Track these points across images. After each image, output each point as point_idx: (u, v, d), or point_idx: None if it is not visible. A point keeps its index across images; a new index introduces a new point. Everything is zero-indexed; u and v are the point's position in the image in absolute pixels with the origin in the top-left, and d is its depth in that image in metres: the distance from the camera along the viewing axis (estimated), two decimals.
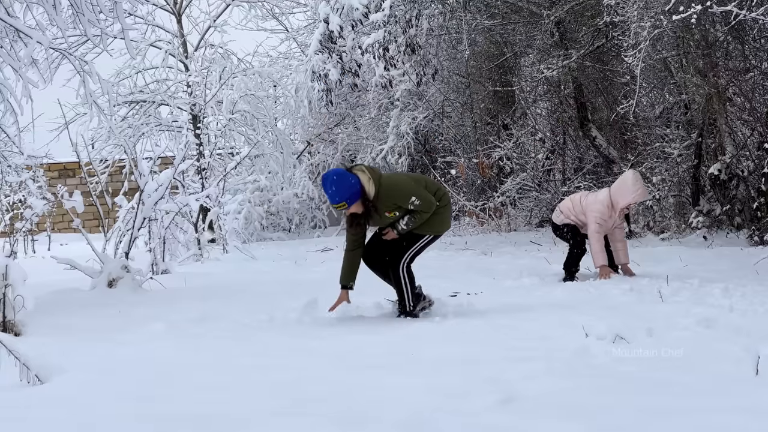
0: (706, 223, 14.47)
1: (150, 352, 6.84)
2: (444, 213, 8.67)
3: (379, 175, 8.31)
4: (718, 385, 5.22)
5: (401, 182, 8.51)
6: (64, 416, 4.96)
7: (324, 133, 26.23)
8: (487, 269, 12.51)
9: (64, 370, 5.89)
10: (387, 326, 7.85)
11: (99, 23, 11.08)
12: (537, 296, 9.52)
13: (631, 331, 6.77)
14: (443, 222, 8.70)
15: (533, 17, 18.74)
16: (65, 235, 26.14)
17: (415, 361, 6.28)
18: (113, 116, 22.44)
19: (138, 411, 5.02)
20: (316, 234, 24.71)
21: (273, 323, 8.34)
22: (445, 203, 8.67)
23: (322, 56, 18.72)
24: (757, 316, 7.65)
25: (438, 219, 8.57)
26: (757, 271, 10.45)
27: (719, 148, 14.73)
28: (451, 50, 20.70)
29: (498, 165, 21.13)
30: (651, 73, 15.10)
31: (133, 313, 9.22)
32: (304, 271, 13.92)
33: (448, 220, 8.83)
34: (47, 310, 9.28)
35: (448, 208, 8.75)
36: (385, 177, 8.39)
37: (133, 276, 11.13)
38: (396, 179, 8.60)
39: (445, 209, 8.67)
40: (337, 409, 4.97)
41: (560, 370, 5.76)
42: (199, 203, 15.75)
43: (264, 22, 26.90)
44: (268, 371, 5.98)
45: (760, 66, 14.35)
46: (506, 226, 20.11)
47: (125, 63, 23.41)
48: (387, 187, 8.26)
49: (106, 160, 24.08)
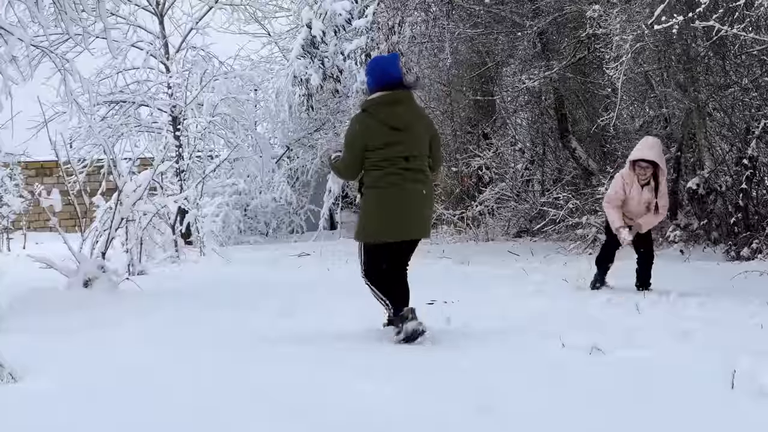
0: (684, 237, 14.51)
1: (124, 353, 6.80)
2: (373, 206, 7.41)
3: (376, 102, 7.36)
4: (693, 399, 5.23)
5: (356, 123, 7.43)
6: (37, 415, 4.94)
7: (304, 138, 26.20)
8: (464, 278, 12.51)
9: (38, 368, 5.86)
10: (365, 334, 7.83)
11: (81, 22, 11.05)
12: (514, 306, 9.51)
13: (608, 343, 6.78)
14: (373, 221, 7.43)
15: (516, 27, 18.75)
16: (41, 233, 25.99)
17: (392, 368, 6.27)
18: (93, 115, 22.34)
19: (111, 410, 5.00)
20: (293, 239, 24.65)
21: (248, 326, 8.31)
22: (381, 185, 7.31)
23: (304, 61, 18.76)
24: (733, 331, 7.67)
25: (367, 214, 7.48)
26: (733, 286, 10.48)
27: (698, 163, 14.78)
28: (432, 58, 20.70)
29: (477, 174, 21.14)
30: (632, 86, 15.13)
31: (108, 313, 9.17)
32: (280, 274, 13.89)
33: (380, 220, 7.38)
34: (22, 309, 9.24)
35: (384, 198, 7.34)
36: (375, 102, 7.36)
37: (110, 276, 11.08)
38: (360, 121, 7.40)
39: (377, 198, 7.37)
40: (313, 414, 4.96)
41: (536, 381, 5.76)
42: (177, 205, 15.70)
43: (246, 26, 26.95)
44: (244, 375, 5.96)
45: (740, 82, 14.40)
46: (484, 235, 20.11)
47: (106, 62, 23.29)
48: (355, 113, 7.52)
49: (84, 159, 23.97)
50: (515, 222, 20.53)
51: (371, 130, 7.28)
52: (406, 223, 7.42)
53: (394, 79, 7.37)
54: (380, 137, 7.24)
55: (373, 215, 7.42)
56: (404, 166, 7.30)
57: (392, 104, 7.31)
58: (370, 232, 7.47)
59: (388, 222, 7.35)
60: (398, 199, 7.32)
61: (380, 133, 7.25)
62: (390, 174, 7.27)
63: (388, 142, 7.24)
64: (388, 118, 7.27)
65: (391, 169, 7.26)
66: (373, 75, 7.44)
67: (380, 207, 7.37)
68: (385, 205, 7.35)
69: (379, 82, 7.39)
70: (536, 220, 19.22)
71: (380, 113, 7.29)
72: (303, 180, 26.62)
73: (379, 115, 7.29)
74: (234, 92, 24.02)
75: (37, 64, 12.13)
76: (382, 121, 7.27)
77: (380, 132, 7.25)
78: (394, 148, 7.25)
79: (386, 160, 7.25)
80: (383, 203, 7.35)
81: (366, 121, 7.33)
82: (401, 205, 7.35)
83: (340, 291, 10.66)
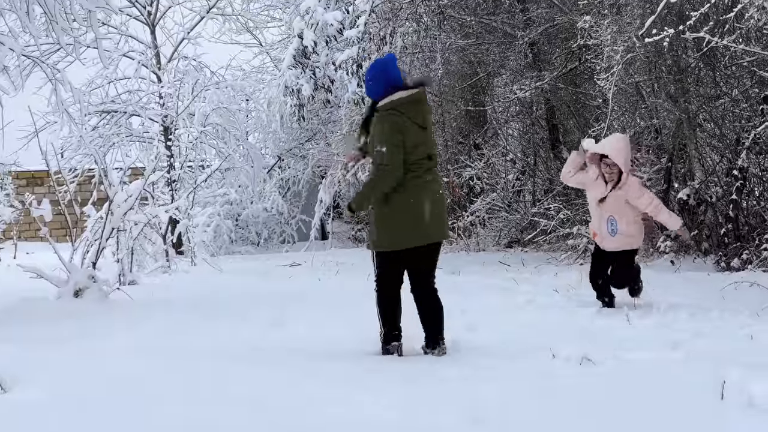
0: (674, 247, 14.51)
1: (114, 363, 6.79)
2: (402, 210, 7.14)
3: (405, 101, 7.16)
4: (684, 410, 5.24)
5: (392, 120, 7.12)
6: (27, 425, 4.92)
7: (295, 148, 26.23)
8: (454, 288, 12.50)
9: (28, 379, 5.84)
10: (357, 345, 7.82)
11: (72, 32, 11.04)
12: (504, 317, 9.51)
13: (598, 354, 6.79)
14: (401, 227, 7.16)
15: (507, 38, 18.81)
16: (32, 243, 25.94)
17: (382, 378, 6.27)
18: (84, 125, 22.33)
19: (101, 421, 4.99)
20: (284, 249, 24.64)
21: (240, 337, 8.30)
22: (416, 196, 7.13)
23: (296, 71, 18.75)
24: (723, 342, 7.69)
25: (394, 219, 7.16)
26: (724, 297, 10.48)
27: (689, 174, 14.79)
28: (424, 68, 20.69)
29: (468, 184, 21.15)
30: (623, 96, 15.14)
31: (98, 323, 9.16)
32: (271, 284, 13.87)
33: (410, 224, 7.14)
34: (12, 319, 9.22)
35: (415, 200, 7.14)
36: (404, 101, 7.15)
37: (100, 286, 11.06)
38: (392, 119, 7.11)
39: (406, 201, 7.13)
40: (302, 424, 4.95)
41: (527, 392, 5.76)
42: (168, 215, 15.68)
43: (238, 36, 26.98)
44: (238, 387, 5.95)
45: (731, 93, 14.43)
46: (475, 245, 20.11)
47: (97, 72, 23.29)
48: (381, 113, 7.21)
49: (75, 169, 23.95)
50: (506, 232, 20.51)
51: (406, 127, 7.07)
52: (434, 224, 7.22)
53: (400, 80, 7.28)
54: (412, 137, 7.08)
55: (401, 220, 7.14)
56: (428, 165, 7.20)
57: (418, 103, 7.20)
58: (399, 238, 7.18)
59: (418, 226, 7.14)
60: (428, 201, 7.16)
61: (412, 132, 7.09)
62: (417, 177, 7.12)
63: (416, 143, 7.10)
64: (417, 116, 7.14)
65: (418, 171, 7.11)
66: (383, 77, 7.26)
67: (409, 211, 7.11)
68: (416, 208, 7.11)
69: (391, 82, 7.21)
70: (527, 230, 19.22)
71: (410, 112, 7.12)
72: (294, 190, 26.64)
73: (410, 113, 7.11)
74: (225, 102, 24.05)
75: (28, 74, 12.11)
76: (412, 119, 7.11)
77: (412, 131, 7.09)
78: (420, 148, 7.13)
79: (414, 163, 7.10)
80: (414, 206, 7.11)
81: (398, 120, 7.08)
82: (431, 206, 7.18)
83: (331, 301, 10.67)
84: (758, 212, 13.76)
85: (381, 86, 7.25)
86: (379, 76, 7.28)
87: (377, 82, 7.28)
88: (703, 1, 10.60)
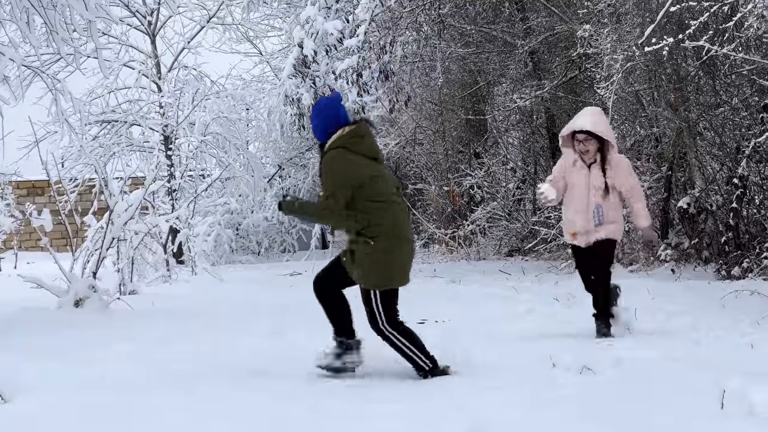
0: (675, 256, 14.51)
1: (114, 373, 6.79)
2: (392, 245, 6.78)
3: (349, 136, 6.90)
4: (684, 419, 5.23)
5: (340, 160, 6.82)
6: None
7: (296, 158, 26.23)
8: (455, 297, 12.51)
9: (28, 389, 5.84)
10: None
11: (72, 42, 11.05)
12: (505, 325, 9.51)
13: (598, 363, 6.78)
14: (395, 262, 6.81)
15: (507, 47, 18.84)
16: (32, 253, 25.94)
17: (384, 389, 6.27)
18: (84, 135, 22.35)
19: (100, 431, 4.99)
20: (285, 258, 24.62)
21: (240, 347, 8.30)
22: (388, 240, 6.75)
23: (296, 80, 18.76)
24: (724, 350, 7.68)
25: (387, 254, 6.75)
26: (724, 305, 10.47)
27: (689, 182, 14.80)
28: (424, 77, 20.73)
29: (469, 193, 21.17)
30: (623, 105, 15.15)
31: (98, 333, 9.16)
32: (272, 293, 13.87)
33: (393, 267, 6.80)
34: (13, 329, 9.22)
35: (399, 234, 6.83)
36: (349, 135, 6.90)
37: (101, 296, 11.07)
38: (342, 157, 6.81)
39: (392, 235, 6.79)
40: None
41: (527, 400, 5.76)
42: (168, 224, 15.69)
43: (238, 45, 26.94)
44: (233, 395, 5.95)
45: (731, 101, 14.43)
46: (475, 254, 20.11)
47: (98, 82, 23.33)
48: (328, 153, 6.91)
49: (75, 179, 23.96)
50: (507, 241, 20.53)
51: (356, 163, 6.80)
52: (410, 262, 6.97)
53: (347, 117, 7.03)
54: (365, 170, 6.80)
55: (393, 255, 6.78)
56: (396, 198, 6.94)
57: (365, 136, 6.95)
58: (395, 274, 6.83)
59: (407, 261, 6.89)
60: (408, 237, 6.94)
61: (363, 164, 6.82)
62: (390, 209, 6.79)
63: (372, 175, 6.80)
64: (367, 150, 6.91)
65: (388, 203, 6.81)
66: (329, 115, 6.98)
67: (399, 245, 6.80)
68: (402, 242, 6.83)
69: (338, 120, 6.95)
70: (528, 239, 19.23)
71: (356, 146, 6.86)
72: None
73: (356, 147, 6.86)
74: (226, 111, 24.06)
75: (28, 84, 12.12)
76: (362, 153, 6.87)
77: (363, 164, 6.82)
78: (379, 180, 6.84)
79: (381, 194, 6.79)
80: (400, 240, 6.83)
81: (347, 156, 6.81)
82: (410, 242, 6.97)
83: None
84: (758, 221, 13.75)
85: (327, 126, 7.00)
86: (324, 116, 7.02)
87: (323, 122, 7.03)
88: (702, 10, 10.59)
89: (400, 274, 6.84)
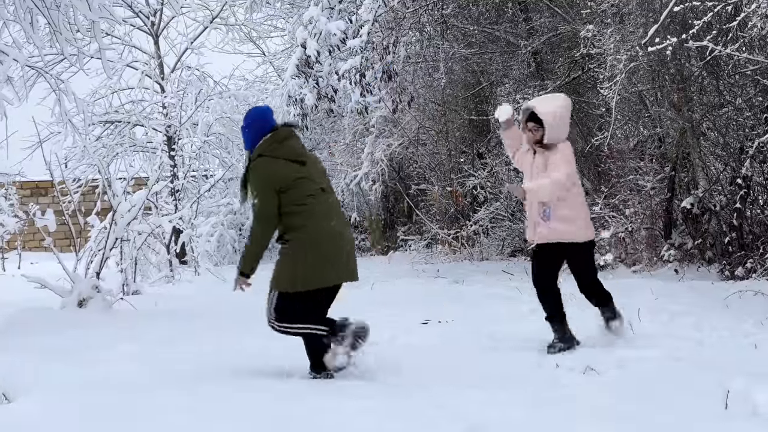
0: (678, 256, 14.50)
1: (118, 374, 6.79)
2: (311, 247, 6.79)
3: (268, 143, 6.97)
4: (687, 419, 5.23)
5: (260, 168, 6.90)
6: None
7: None
8: (458, 298, 12.49)
9: (32, 389, 5.84)
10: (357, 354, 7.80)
11: (76, 42, 11.06)
12: (508, 325, 9.50)
13: (602, 363, 6.78)
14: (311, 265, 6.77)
15: (510, 47, 18.84)
16: (36, 253, 25.95)
17: (383, 389, 6.26)
18: (88, 135, 22.36)
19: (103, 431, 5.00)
20: None
21: (242, 347, 8.30)
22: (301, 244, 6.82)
23: (299, 81, 18.72)
24: (727, 351, 7.67)
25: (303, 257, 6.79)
26: (728, 306, 10.46)
27: (692, 182, 14.79)
28: (427, 78, 20.73)
29: (472, 194, 21.16)
30: (626, 105, 15.15)
31: (102, 333, 9.16)
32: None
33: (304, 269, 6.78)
34: (16, 329, 9.22)
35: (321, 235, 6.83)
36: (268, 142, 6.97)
37: (104, 296, 11.07)
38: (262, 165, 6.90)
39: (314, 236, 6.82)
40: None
41: (530, 400, 5.76)
42: (172, 225, 15.69)
43: (241, 46, 26.92)
44: (235, 395, 5.95)
45: (734, 101, 14.42)
46: (478, 254, 20.11)
47: (101, 83, 23.33)
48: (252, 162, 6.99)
49: (79, 179, 23.97)
50: (510, 241, 20.51)
51: (278, 169, 6.83)
52: (343, 264, 6.92)
53: (274, 125, 7.08)
54: (290, 173, 6.81)
55: (310, 258, 6.76)
56: (324, 199, 6.93)
57: (284, 140, 6.98)
58: (308, 275, 6.79)
59: (328, 264, 6.81)
60: (334, 237, 6.88)
61: (288, 168, 6.83)
62: (310, 210, 6.80)
63: (298, 177, 6.81)
64: (288, 153, 6.92)
65: (310, 204, 6.81)
66: (256, 125, 7.06)
67: (317, 245, 6.78)
68: (324, 241, 6.81)
69: (265, 128, 7.02)
70: None
71: (278, 151, 6.90)
72: None
73: (279, 152, 6.90)
74: (229, 112, 24.04)
75: (32, 85, 12.17)
76: (284, 157, 6.88)
77: (288, 168, 6.83)
78: (304, 183, 6.83)
79: (308, 195, 6.81)
80: (322, 242, 6.81)
81: (268, 163, 6.86)
82: (339, 243, 6.91)
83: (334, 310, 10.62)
84: (762, 221, 13.75)
85: (255, 137, 7.05)
86: (253, 127, 7.09)
87: (252, 132, 7.10)
88: (706, 10, 10.58)
89: (316, 275, 6.77)
